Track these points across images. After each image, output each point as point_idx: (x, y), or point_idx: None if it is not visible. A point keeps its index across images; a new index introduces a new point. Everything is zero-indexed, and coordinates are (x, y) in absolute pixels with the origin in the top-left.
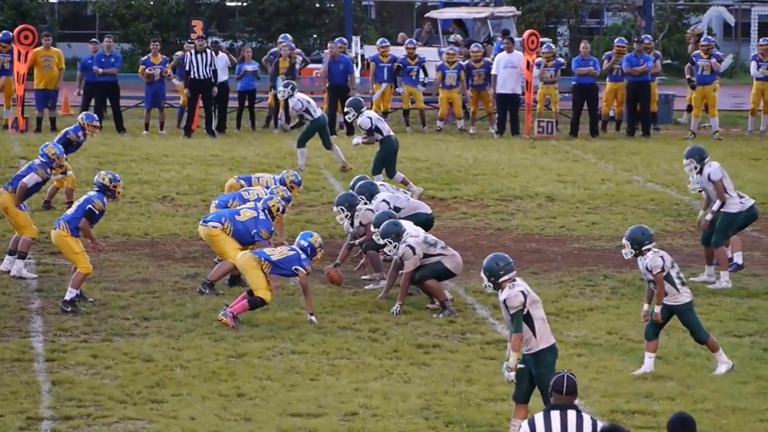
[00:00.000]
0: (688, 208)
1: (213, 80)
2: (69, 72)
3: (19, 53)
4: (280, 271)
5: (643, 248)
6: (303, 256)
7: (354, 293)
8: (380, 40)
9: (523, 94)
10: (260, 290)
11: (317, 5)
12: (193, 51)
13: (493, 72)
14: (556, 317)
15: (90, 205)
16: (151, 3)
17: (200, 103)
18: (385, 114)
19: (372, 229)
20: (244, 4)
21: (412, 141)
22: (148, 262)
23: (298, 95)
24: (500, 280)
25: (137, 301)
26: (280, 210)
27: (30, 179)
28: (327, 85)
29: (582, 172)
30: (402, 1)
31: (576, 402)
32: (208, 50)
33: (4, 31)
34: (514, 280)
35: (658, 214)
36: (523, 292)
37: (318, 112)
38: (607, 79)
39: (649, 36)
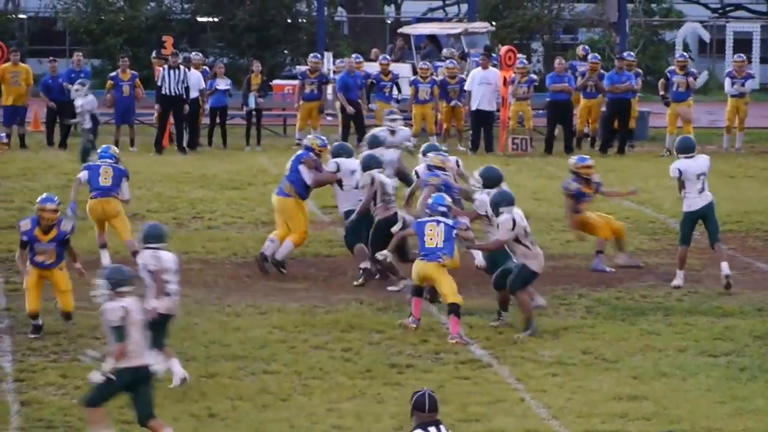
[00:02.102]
0: (663, 226)
1: (185, 97)
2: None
3: None
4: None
5: None
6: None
7: (326, 312)
8: (354, 55)
9: (498, 110)
10: (451, 296)
11: (289, 21)
12: (166, 67)
13: (467, 88)
14: (530, 336)
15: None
16: (122, 18)
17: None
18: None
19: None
20: (215, 19)
21: None
22: None
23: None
24: (117, 290)
25: None
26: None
27: None
28: (300, 102)
29: (557, 190)
30: (375, 17)
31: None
32: (181, 66)
33: None
34: (123, 297)
35: (634, 232)
36: (124, 308)
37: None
38: (582, 96)
39: (631, 53)
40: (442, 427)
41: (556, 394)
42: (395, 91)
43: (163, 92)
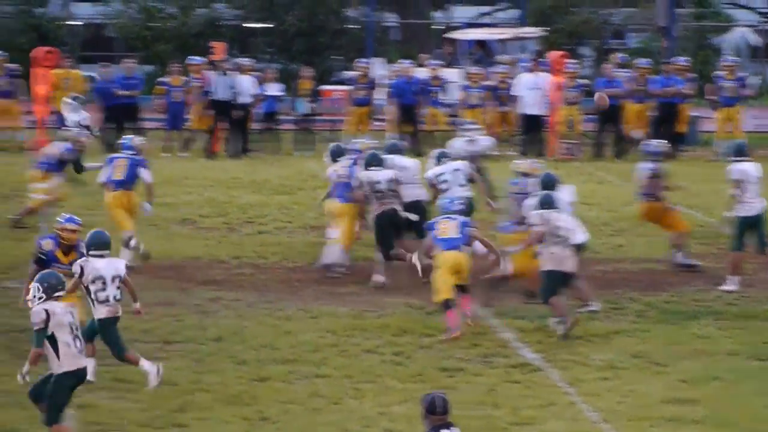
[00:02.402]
0: (713, 231)
1: (234, 102)
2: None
3: (40, 75)
4: None
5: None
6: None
7: (377, 316)
8: (407, 61)
9: (548, 115)
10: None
11: (338, 26)
12: (214, 72)
13: (516, 92)
14: (581, 340)
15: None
16: (173, 25)
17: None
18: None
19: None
20: (265, 25)
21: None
22: (170, 285)
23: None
24: (52, 295)
25: (160, 324)
26: None
27: None
28: (350, 107)
29: (606, 194)
30: (423, 22)
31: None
32: (230, 72)
33: None
34: (53, 300)
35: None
36: (47, 311)
37: None
38: (631, 101)
39: (681, 58)
40: (453, 428)
41: (607, 398)
42: (444, 96)
43: (213, 98)
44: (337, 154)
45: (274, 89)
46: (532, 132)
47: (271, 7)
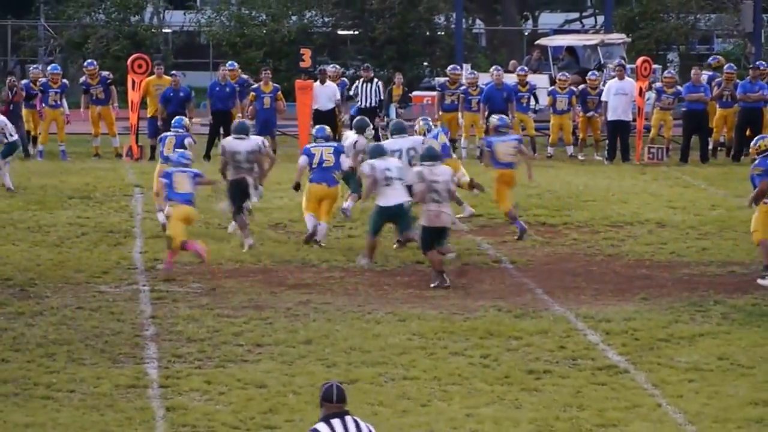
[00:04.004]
0: None
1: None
2: None
3: (133, 82)
4: None
5: None
6: None
7: (465, 319)
8: (452, 66)
9: (634, 120)
10: None
11: (427, 33)
12: (318, 82)
13: (603, 98)
14: (667, 343)
15: None
16: (264, 32)
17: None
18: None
19: None
20: (356, 32)
21: (522, 168)
22: (260, 288)
23: None
24: None
25: (250, 327)
26: None
27: None
28: (440, 113)
29: (692, 198)
30: (512, 29)
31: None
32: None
33: (89, 60)
34: None
35: None
36: None
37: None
38: (717, 106)
39: (764, 63)
40: (348, 418)
41: (692, 400)
42: (532, 102)
43: (316, 107)
44: (360, 129)
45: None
46: (617, 137)
47: (362, 14)
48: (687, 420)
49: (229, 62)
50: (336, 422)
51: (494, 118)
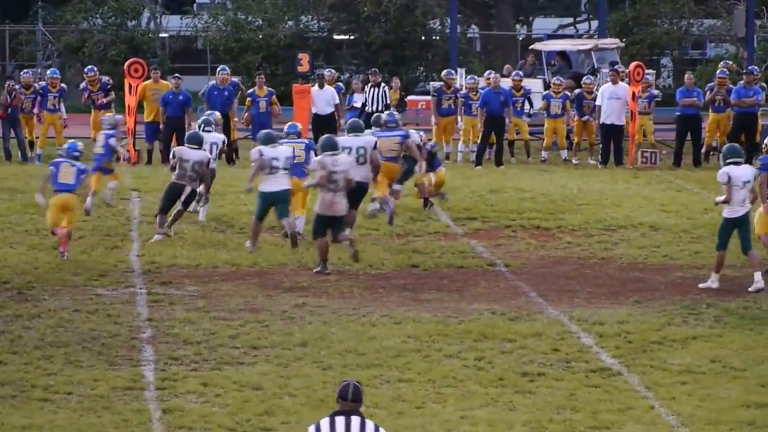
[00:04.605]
0: None
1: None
2: None
3: (130, 86)
4: None
5: None
6: None
7: (459, 322)
8: (447, 71)
9: (628, 124)
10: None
11: (423, 38)
12: (316, 87)
13: (597, 103)
14: (660, 345)
15: None
16: (260, 37)
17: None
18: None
19: None
20: (351, 37)
21: (516, 171)
22: (257, 291)
23: None
24: None
25: (246, 330)
26: None
27: None
28: (436, 117)
29: (685, 202)
30: (506, 33)
31: (361, 409)
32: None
33: (89, 66)
34: None
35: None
36: None
37: None
38: (710, 110)
39: (757, 68)
40: (354, 417)
41: (685, 402)
42: (527, 106)
43: (315, 112)
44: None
45: (361, 100)
46: (611, 141)
47: (358, 19)
48: (680, 422)
49: (221, 66)
50: (339, 420)
51: (384, 114)
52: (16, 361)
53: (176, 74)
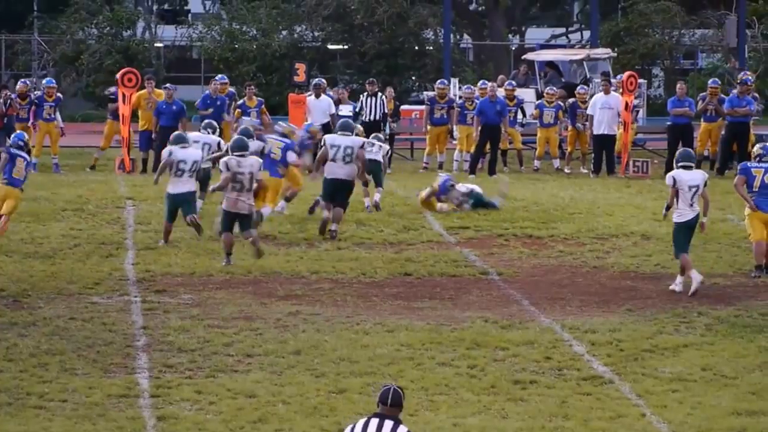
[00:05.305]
0: None
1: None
2: None
3: (123, 96)
4: None
5: None
6: None
7: (452, 330)
8: (439, 81)
9: (618, 133)
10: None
11: (416, 48)
12: (312, 96)
13: (589, 112)
14: (651, 353)
15: None
16: (255, 47)
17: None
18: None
19: None
20: (345, 47)
21: (509, 180)
22: (250, 299)
23: None
24: None
25: (240, 338)
26: None
27: None
28: (429, 127)
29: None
30: (499, 43)
31: (399, 415)
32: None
33: (47, 78)
34: None
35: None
36: None
37: None
38: (702, 120)
39: (750, 78)
40: (387, 422)
41: (676, 410)
42: (519, 116)
43: (310, 121)
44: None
45: (347, 109)
46: (603, 150)
47: (352, 29)
48: (671, 430)
49: (220, 76)
50: (373, 422)
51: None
52: (11, 368)
53: (167, 84)
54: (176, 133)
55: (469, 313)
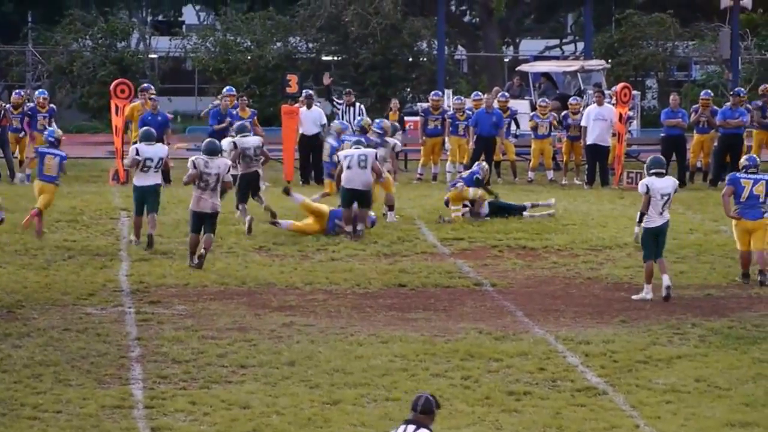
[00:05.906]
0: None
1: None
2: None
3: (116, 107)
4: None
5: None
6: None
7: (446, 341)
8: (433, 93)
9: (612, 145)
10: None
11: (410, 59)
12: (304, 107)
13: (582, 123)
14: (645, 364)
15: None
16: (249, 58)
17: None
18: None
19: None
20: (339, 58)
21: (503, 192)
22: (245, 310)
23: None
24: None
25: (234, 349)
26: None
27: None
28: (423, 138)
29: (670, 222)
30: (493, 55)
31: (430, 423)
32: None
33: (40, 90)
34: None
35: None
36: None
37: None
38: (695, 131)
39: (743, 90)
40: (410, 427)
41: (670, 421)
42: (513, 127)
43: (301, 132)
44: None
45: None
46: (596, 161)
47: (345, 40)
48: None
49: (228, 88)
50: (402, 428)
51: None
52: (5, 379)
53: (152, 95)
54: (145, 129)
55: (463, 324)
